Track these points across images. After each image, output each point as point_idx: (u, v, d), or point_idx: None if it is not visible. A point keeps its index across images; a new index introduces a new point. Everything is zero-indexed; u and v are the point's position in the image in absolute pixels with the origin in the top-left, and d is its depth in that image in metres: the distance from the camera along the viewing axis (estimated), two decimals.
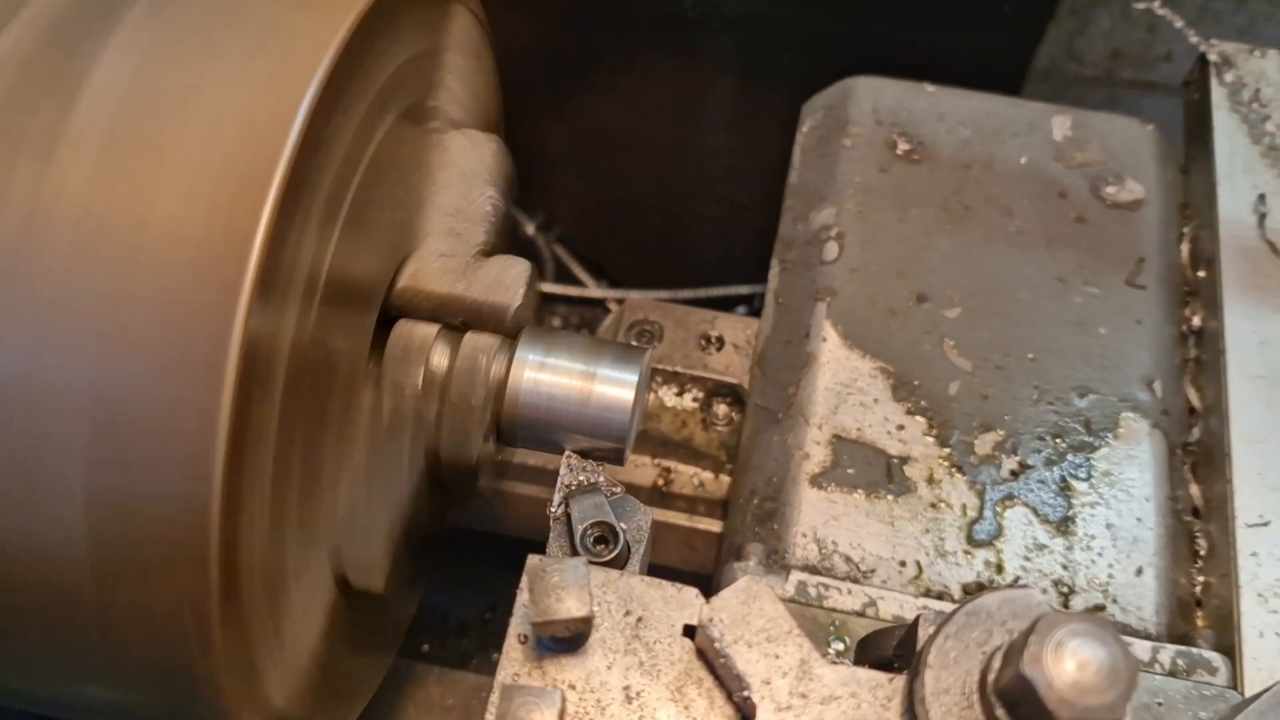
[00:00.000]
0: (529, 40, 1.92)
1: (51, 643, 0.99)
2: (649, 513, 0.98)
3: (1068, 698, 0.72)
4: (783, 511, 1.19)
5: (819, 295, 1.30)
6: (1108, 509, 1.18)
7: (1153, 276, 1.30)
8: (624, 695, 0.86)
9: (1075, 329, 1.27)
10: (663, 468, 1.45)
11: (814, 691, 0.83)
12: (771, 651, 0.84)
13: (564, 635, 0.85)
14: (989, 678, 0.78)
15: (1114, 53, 1.86)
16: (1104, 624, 0.73)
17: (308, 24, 0.99)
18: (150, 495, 0.88)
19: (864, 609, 1.10)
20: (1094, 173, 1.37)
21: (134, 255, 0.89)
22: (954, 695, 0.78)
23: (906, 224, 1.34)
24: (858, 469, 1.20)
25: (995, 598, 0.81)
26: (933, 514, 1.17)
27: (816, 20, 1.81)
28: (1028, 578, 1.14)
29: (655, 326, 1.40)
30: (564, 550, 0.96)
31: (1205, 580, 1.17)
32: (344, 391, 1.10)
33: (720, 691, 0.86)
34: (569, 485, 0.97)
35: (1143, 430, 1.22)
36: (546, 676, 0.86)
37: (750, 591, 0.85)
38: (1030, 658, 0.73)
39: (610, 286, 2.35)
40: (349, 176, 1.04)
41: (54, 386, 0.89)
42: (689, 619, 0.89)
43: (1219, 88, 1.37)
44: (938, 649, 0.80)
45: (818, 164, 1.41)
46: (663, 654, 0.88)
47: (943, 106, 1.42)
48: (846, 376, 1.24)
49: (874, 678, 0.84)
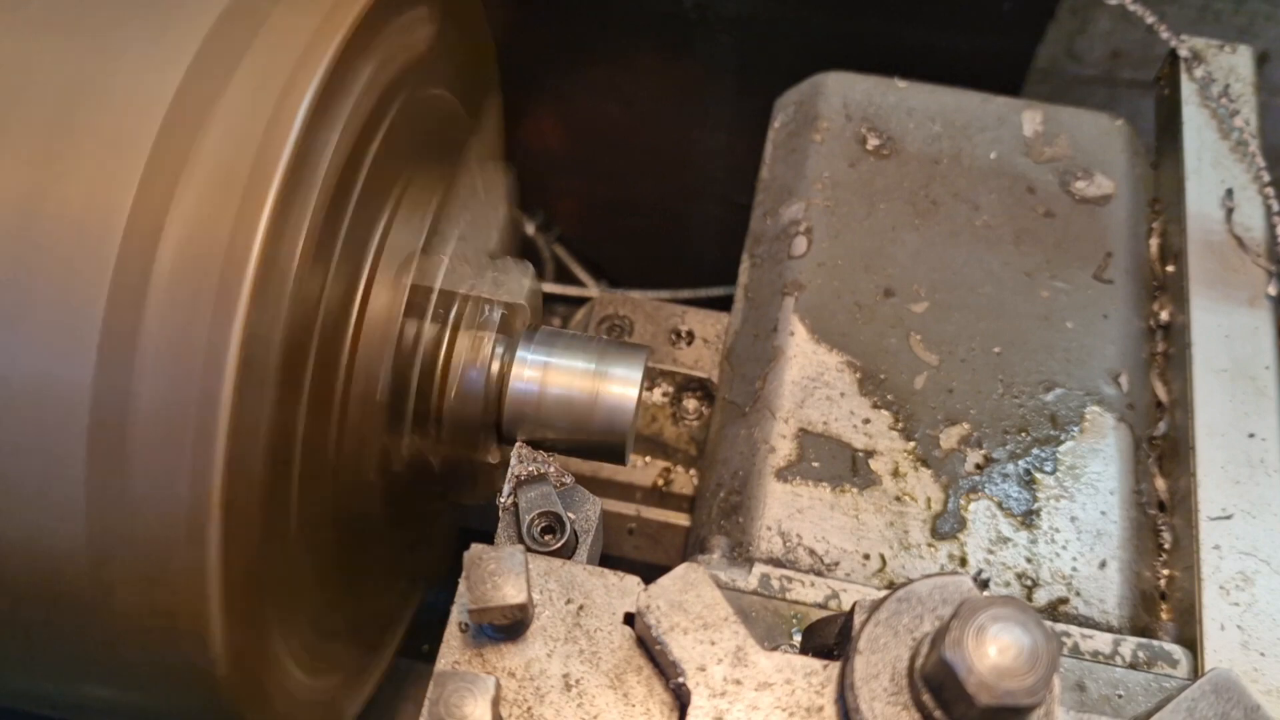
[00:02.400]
0: (529, 40, 1.92)
1: (51, 642, 0.99)
2: (598, 503, 0.98)
3: (987, 681, 0.72)
4: (748, 505, 1.19)
5: (787, 290, 1.30)
6: (1072, 502, 1.18)
7: (1120, 271, 1.30)
8: (563, 683, 0.87)
9: (1042, 323, 1.27)
10: (663, 468, 1.45)
11: (749, 678, 0.83)
12: (707, 638, 0.84)
13: (502, 623, 0.86)
14: (917, 663, 0.78)
15: (1114, 53, 1.86)
16: (1025, 608, 0.73)
17: (308, 24, 1.00)
18: (150, 493, 0.89)
19: (826, 601, 1.10)
20: (1063, 167, 1.37)
21: (134, 255, 0.89)
22: (883, 680, 0.79)
23: (875, 219, 1.34)
24: (823, 462, 1.20)
25: (927, 584, 0.81)
26: (897, 507, 1.17)
27: (816, 20, 1.81)
28: (991, 571, 1.14)
29: (625, 321, 1.41)
30: (511, 539, 0.96)
31: (1169, 573, 1.17)
32: (344, 389, 1.10)
33: (659, 679, 0.86)
34: (518, 475, 0.98)
35: (1108, 424, 1.21)
36: (486, 664, 0.87)
37: (688, 579, 0.86)
38: (951, 642, 0.73)
39: (610, 286, 2.35)
40: (351, 177, 1.04)
41: (54, 386, 0.89)
42: (630, 607, 0.89)
43: (1189, 83, 1.37)
44: (868, 635, 0.80)
45: (787, 159, 1.42)
46: (603, 642, 0.88)
47: (912, 102, 1.42)
48: (813, 370, 1.24)
49: (809, 664, 0.84)
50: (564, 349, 1.20)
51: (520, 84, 1.54)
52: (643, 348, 1.21)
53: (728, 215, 2.18)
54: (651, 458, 1.42)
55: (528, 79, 1.89)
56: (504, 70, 1.44)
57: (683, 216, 2.25)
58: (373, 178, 1.08)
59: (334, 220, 1.02)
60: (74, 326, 0.89)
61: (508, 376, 1.19)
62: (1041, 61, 1.86)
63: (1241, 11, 1.72)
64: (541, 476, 0.97)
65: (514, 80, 1.49)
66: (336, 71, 0.98)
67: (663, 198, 2.23)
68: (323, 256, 1.00)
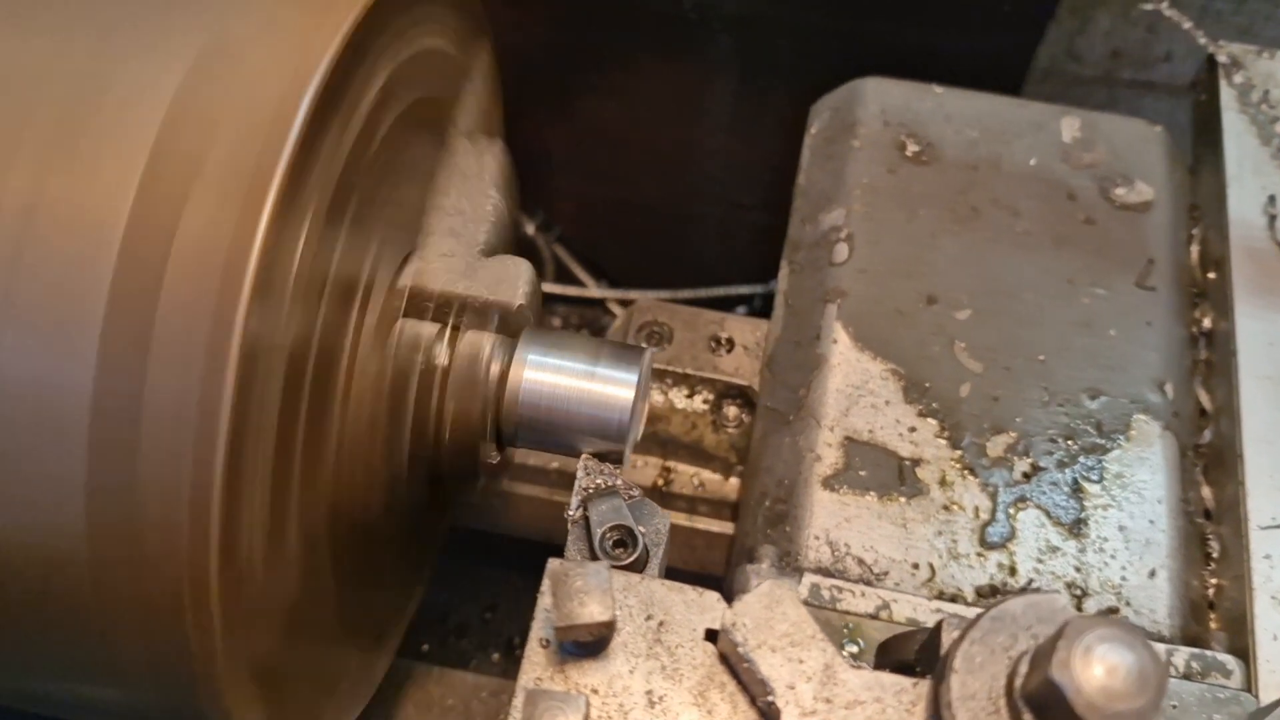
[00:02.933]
0: (529, 40, 1.91)
1: (49, 640, 0.99)
2: (667, 516, 0.98)
3: (1096, 703, 0.72)
4: (794, 514, 1.18)
5: (829, 297, 1.29)
6: (1120, 511, 1.18)
7: (1162, 278, 1.30)
8: (646, 700, 0.86)
9: (1085, 331, 1.27)
10: (663, 468, 1.45)
11: (838, 696, 0.83)
12: (795, 656, 0.84)
13: (586, 640, 0.85)
14: (1015, 682, 0.78)
15: (1114, 53, 1.86)
16: (1132, 629, 0.73)
17: (308, 22, 0.99)
18: (150, 490, 0.88)
19: (877, 611, 1.09)
20: (1102, 174, 1.37)
21: (135, 254, 0.89)
22: (980, 700, 0.78)
23: (915, 225, 1.33)
24: (870, 471, 1.19)
25: (1020, 602, 0.81)
26: (945, 516, 1.17)
27: (816, 20, 1.81)
28: (1040, 580, 1.14)
29: (664, 328, 1.40)
30: (583, 554, 0.95)
31: (1217, 583, 1.17)
32: (345, 389, 1.10)
33: (743, 696, 0.86)
34: (587, 488, 0.97)
35: (1154, 432, 1.22)
36: (569, 681, 0.86)
37: (773, 596, 0.85)
38: (1059, 663, 0.73)
39: (610, 286, 2.35)
40: (351, 177, 1.04)
41: (55, 386, 0.89)
42: (711, 623, 0.89)
43: (1228, 89, 1.37)
44: (963, 654, 0.79)
45: (826, 165, 1.41)
46: (685, 658, 0.88)
47: (950, 108, 1.42)
48: (857, 378, 1.24)
49: (898, 682, 0.84)
50: (563, 349, 1.20)
51: (520, 84, 1.53)
52: (642, 349, 1.21)
53: (728, 215, 2.19)
54: (685, 464, 1.42)
55: (528, 79, 1.88)
56: (504, 70, 1.43)
57: (683, 216, 2.25)
58: (373, 178, 1.08)
59: (335, 220, 1.01)
60: (75, 326, 0.89)
61: (507, 377, 1.19)
62: (1041, 61, 1.86)
63: (1241, 11, 1.73)
64: (611, 489, 0.96)
65: (514, 80, 1.48)
66: (338, 71, 0.97)
67: (663, 198, 2.23)
68: (324, 256, 1.00)
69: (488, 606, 1.98)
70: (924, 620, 1.08)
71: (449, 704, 1.67)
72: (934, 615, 1.09)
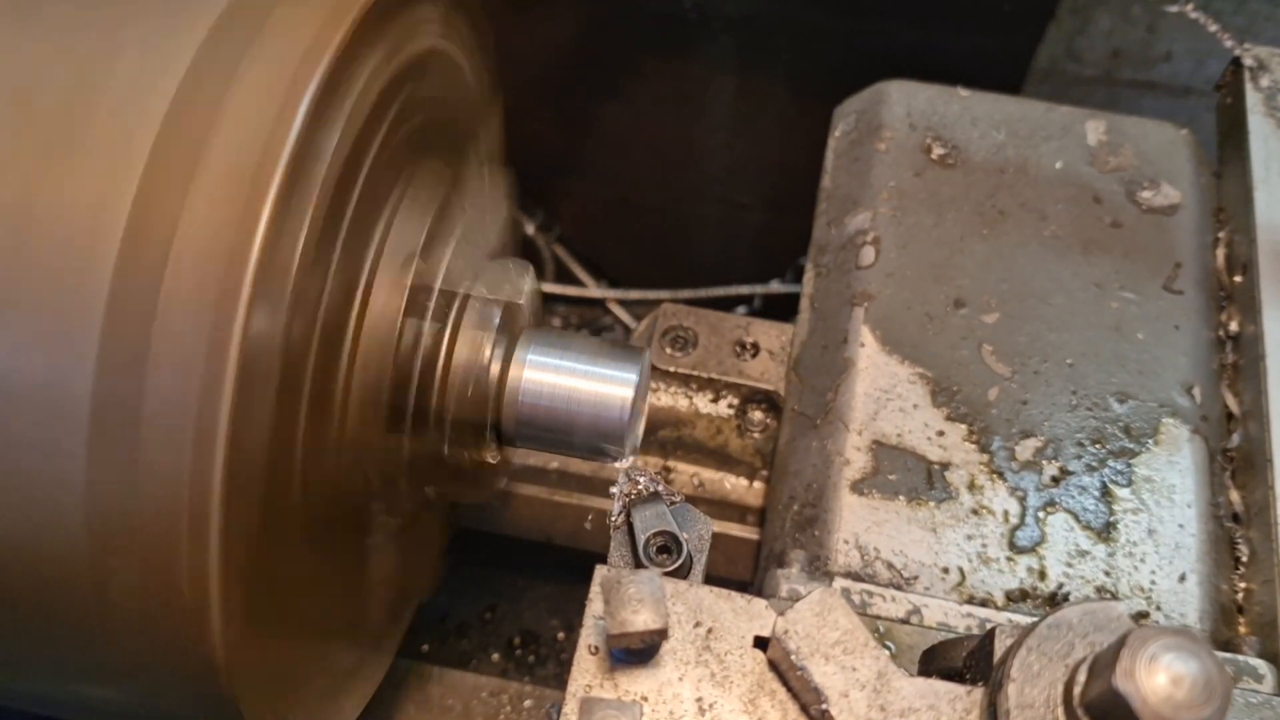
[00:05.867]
0: (530, 40, 1.91)
1: (49, 639, 0.99)
2: (709, 522, 0.98)
3: (1162, 713, 0.71)
4: (823, 518, 1.18)
5: (856, 300, 1.29)
6: (1150, 515, 1.18)
7: (1190, 281, 1.30)
8: (696, 707, 0.86)
9: (1113, 334, 1.27)
10: (663, 467, 1.44)
11: (892, 704, 0.83)
12: (848, 664, 0.83)
13: (638, 647, 0.85)
14: (1074, 690, 0.77)
15: (1114, 53, 1.87)
16: (1197, 638, 0.73)
17: (310, 22, 0.99)
18: (151, 493, 0.88)
19: (908, 616, 1.09)
20: (1129, 177, 1.37)
21: (134, 254, 0.89)
22: (1038, 708, 0.78)
23: (942, 229, 1.33)
24: (899, 475, 1.19)
25: (1076, 610, 0.81)
26: (975, 520, 1.17)
27: (816, 20, 1.81)
28: (1070, 584, 1.14)
29: (689, 333, 1.40)
30: (626, 561, 0.95)
31: (1247, 587, 1.17)
32: (345, 388, 1.09)
33: (794, 704, 0.86)
34: (629, 495, 0.97)
35: (1183, 436, 1.22)
36: (619, 688, 0.86)
37: (824, 603, 0.85)
38: (1123, 672, 0.72)
39: (610, 286, 2.35)
40: (351, 177, 1.03)
41: (54, 386, 0.89)
42: (760, 630, 0.88)
43: (1254, 92, 1.37)
44: (1020, 661, 0.79)
45: (851, 168, 1.41)
46: (734, 665, 0.88)
47: (976, 111, 1.42)
48: (885, 382, 1.24)
49: (952, 690, 0.83)
50: (563, 349, 1.21)
51: (520, 84, 1.53)
52: (642, 348, 1.21)
53: (728, 215, 2.19)
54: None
55: (528, 79, 1.88)
56: (504, 70, 1.43)
57: (683, 216, 2.26)
58: (373, 177, 1.08)
59: (335, 220, 1.01)
60: (74, 325, 0.88)
61: (507, 376, 1.19)
62: (1041, 61, 1.87)
63: (1241, 11, 1.74)
64: (654, 495, 0.96)
65: (514, 80, 1.48)
66: (338, 71, 0.98)
67: (663, 198, 2.23)
68: (324, 256, 1.00)
69: (488, 607, 1.98)
70: (955, 625, 1.09)
71: (449, 704, 1.68)
72: (965, 620, 1.09)
